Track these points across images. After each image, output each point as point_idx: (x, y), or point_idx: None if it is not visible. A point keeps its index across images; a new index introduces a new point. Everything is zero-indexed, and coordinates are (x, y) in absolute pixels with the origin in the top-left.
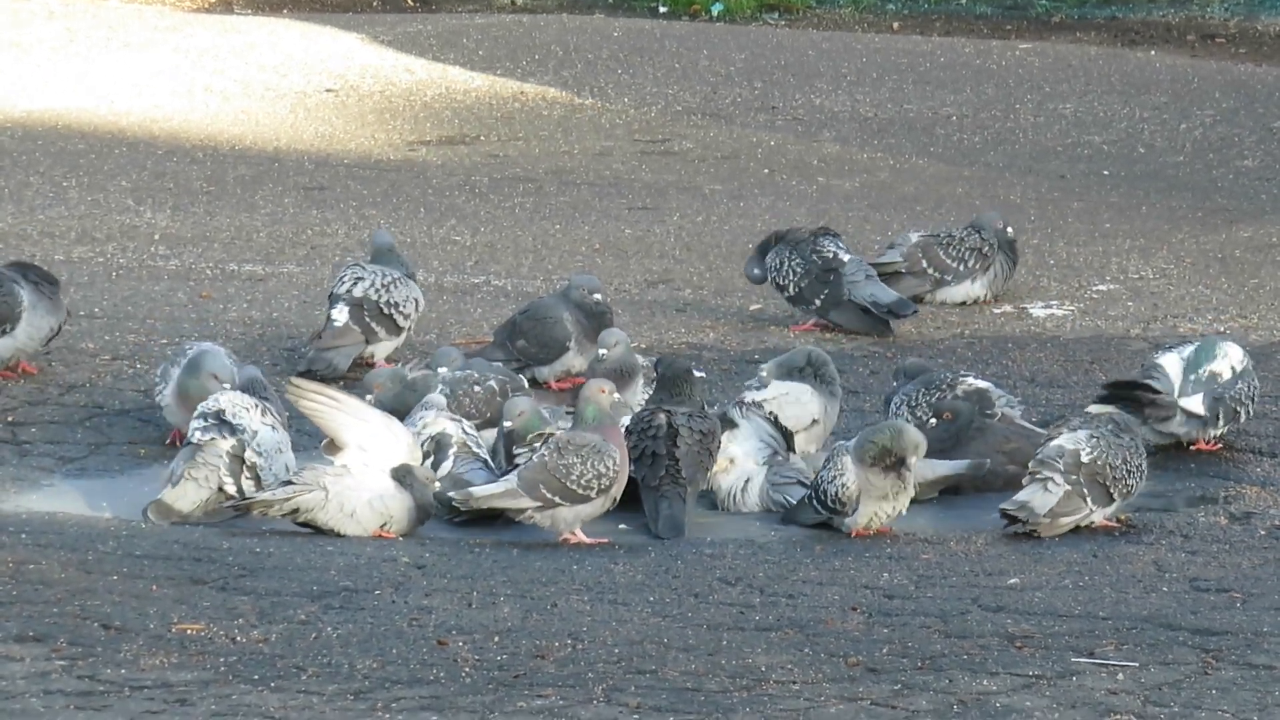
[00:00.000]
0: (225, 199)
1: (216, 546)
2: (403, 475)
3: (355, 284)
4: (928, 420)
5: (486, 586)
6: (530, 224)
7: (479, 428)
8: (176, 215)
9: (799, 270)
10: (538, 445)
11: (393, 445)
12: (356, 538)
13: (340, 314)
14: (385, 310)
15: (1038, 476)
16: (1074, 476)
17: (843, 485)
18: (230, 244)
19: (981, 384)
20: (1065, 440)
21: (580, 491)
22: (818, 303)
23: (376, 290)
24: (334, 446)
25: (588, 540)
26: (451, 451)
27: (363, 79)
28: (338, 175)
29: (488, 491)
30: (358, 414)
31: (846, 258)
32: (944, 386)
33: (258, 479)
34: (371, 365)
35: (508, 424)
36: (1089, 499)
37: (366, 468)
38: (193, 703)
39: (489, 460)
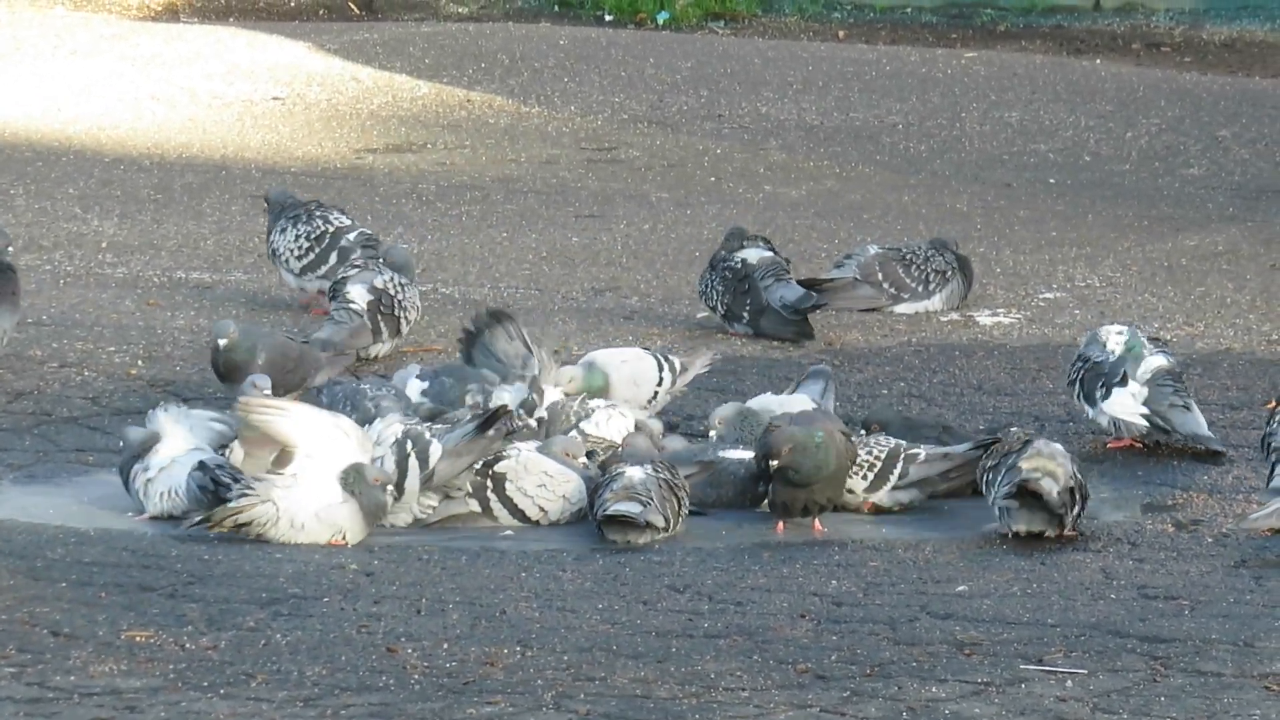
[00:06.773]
0: (172, 207)
1: (165, 553)
2: (351, 480)
3: (368, 272)
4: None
5: (435, 594)
6: (477, 232)
7: None
8: (124, 223)
9: (720, 289)
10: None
11: (343, 445)
12: (306, 545)
13: (359, 295)
14: (395, 311)
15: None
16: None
17: None
18: (177, 252)
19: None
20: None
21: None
22: (746, 315)
23: (394, 286)
24: (284, 458)
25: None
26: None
27: (309, 87)
28: (285, 183)
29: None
30: (305, 419)
31: (755, 259)
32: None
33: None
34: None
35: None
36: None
37: (315, 475)
38: (142, 710)
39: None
